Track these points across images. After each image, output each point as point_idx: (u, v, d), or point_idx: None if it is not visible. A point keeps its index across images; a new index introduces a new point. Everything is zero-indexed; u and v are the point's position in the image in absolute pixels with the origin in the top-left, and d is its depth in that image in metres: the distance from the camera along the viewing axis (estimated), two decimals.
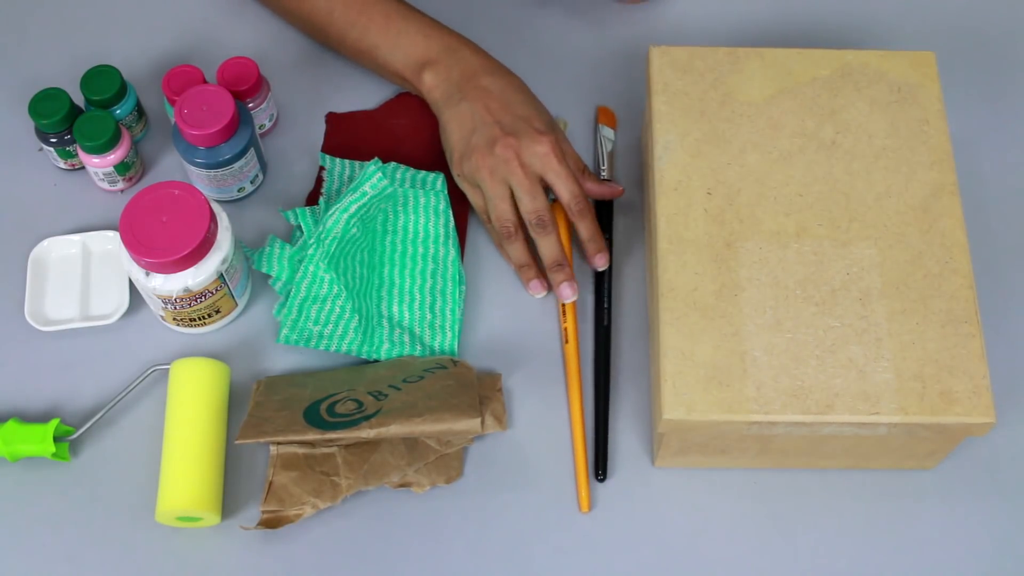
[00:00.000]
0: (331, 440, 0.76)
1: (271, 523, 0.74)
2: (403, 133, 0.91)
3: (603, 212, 0.88)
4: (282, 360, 0.83)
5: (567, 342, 0.82)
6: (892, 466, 0.79)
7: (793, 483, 0.79)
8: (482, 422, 0.76)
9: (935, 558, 0.76)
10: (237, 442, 0.75)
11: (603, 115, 0.91)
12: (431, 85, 0.86)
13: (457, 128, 0.84)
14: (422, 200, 0.86)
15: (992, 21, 0.98)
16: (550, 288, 0.85)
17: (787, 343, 0.72)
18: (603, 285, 0.85)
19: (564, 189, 0.82)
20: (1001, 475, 0.79)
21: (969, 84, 0.95)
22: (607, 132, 0.90)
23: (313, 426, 0.75)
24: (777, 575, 0.76)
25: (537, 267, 0.84)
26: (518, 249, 0.84)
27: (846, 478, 0.79)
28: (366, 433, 0.74)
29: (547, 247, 0.82)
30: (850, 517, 0.78)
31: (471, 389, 0.76)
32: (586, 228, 0.83)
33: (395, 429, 0.74)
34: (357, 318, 0.81)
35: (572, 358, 0.82)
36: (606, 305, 0.84)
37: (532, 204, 0.81)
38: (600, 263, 0.83)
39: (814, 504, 0.78)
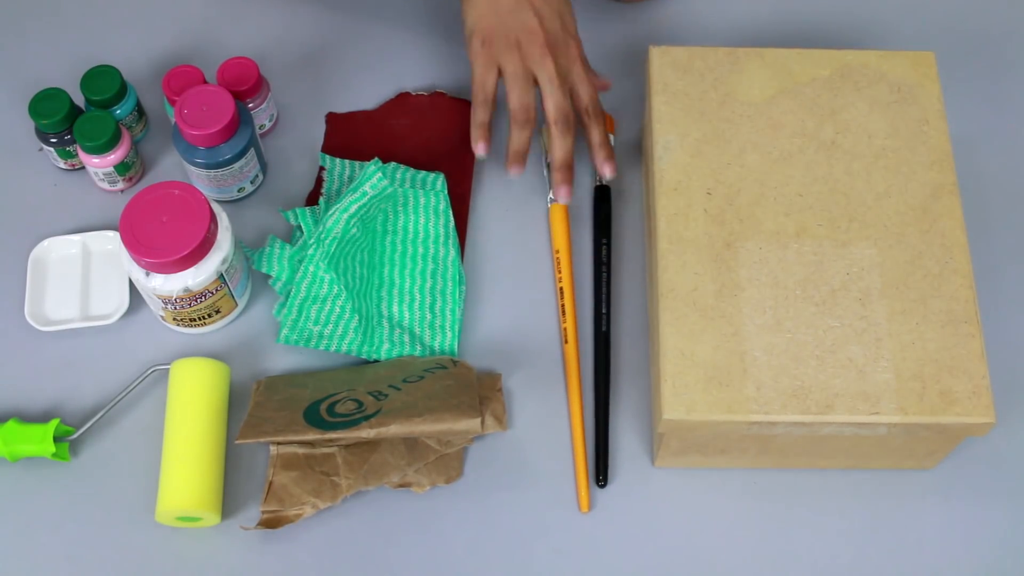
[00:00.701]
0: (331, 440, 0.76)
1: (271, 523, 0.74)
2: (403, 133, 0.91)
3: (602, 209, 0.87)
4: (282, 360, 0.83)
5: (567, 342, 0.82)
6: (892, 466, 0.79)
7: (793, 483, 0.79)
8: (482, 422, 0.76)
9: (935, 558, 0.76)
10: (237, 442, 0.75)
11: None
12: None
13: (478, 8, 0.83)
14: (422, 200, 0.86)
15: (992, 21, 0.98)
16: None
17: (787, 343, 0.72)
18: (601, 290, 0.84)
19: (585, 93, 0.84)
20: (1001, 475, 0.79)
21: (969, 84, 0.95)
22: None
23: (313, 426, 0.75)
24: (777, 575, 0.76)
25: (525, 156, 0.84)
26: (526, 137, 0.83)
27: (846, 478, 0.79)
28: (366, 433, 0.74)
29: (564, 148, 0.83)
30: (850, 517, 0.78)
31: (471, 389, 0.76)
32: (599, 133, 0.85)
33: (395, 429, 0.74)
34: (357, 318, 0.81)
35: (572, 359, 0.82)
36: (604, 310, 0.84)
37: (562, 102, 0.82)
38: (608, 170, 0.85)
39: (814, 504, 0.78)
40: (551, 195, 0.87)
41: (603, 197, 0.88)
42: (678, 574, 0.76)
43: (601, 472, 0.78)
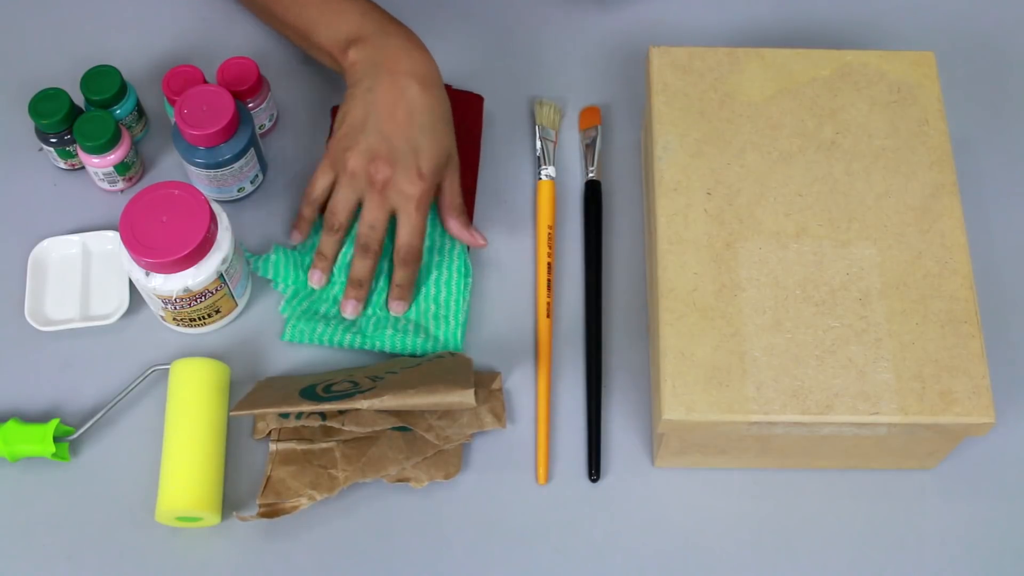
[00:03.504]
0: (329, 430, 0.76)
1: (268, 514, 0.75)
2: None
3: (593, 208, 0.88)
4: (282, 361, 0.83)
5: (548, 316, 0.83)
6: (892, 466, 0.79)
7: (793, 483, 0.79)
8: (480, 414, 0.76)
9: (935, 558, 0.76)
10: (232, 414, 0.75)
11: (583, 119, 0.92)
12: (353, 60, 0.82)
13: (352, 114, 0.81)
14: None
15: (992, 21, 0.98)
16: (325, 283, 0.84)
17: (787, 343, 0.72)
18: (592, 285, 0.85)
19: (404, 234, 0.81)
20: (1001, 475, 0.79)
21: (969, 84, 0.95)
22: (584, 135, 0.91)
23: (307, 400, 0.75)
24: (777, 575, 0.76)
25: (331, 264, 0.83)
26: (331, 243, 0.83)
27: (846, 478, 0.79)
28: (360, 404, 0.74)
29: (361, 267, 0.81)
30: (850, 517, 0.78)
31: (467, 371, 0.76)
32: (401, 276, 0.82)
33: (388, 400, 0.73)
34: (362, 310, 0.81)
35: (545, 332, 0.82)
36: (596, 298, 0.84)
37: (370, 230, 0.81)
38: (396, 308, 0.83)
39: (814, 504, 0.78)
40: (541, 171, 0.88)
41: (593, 191, 0.88)
42: (679, 573, 0.76)
43: (594, 467, 0.78)
